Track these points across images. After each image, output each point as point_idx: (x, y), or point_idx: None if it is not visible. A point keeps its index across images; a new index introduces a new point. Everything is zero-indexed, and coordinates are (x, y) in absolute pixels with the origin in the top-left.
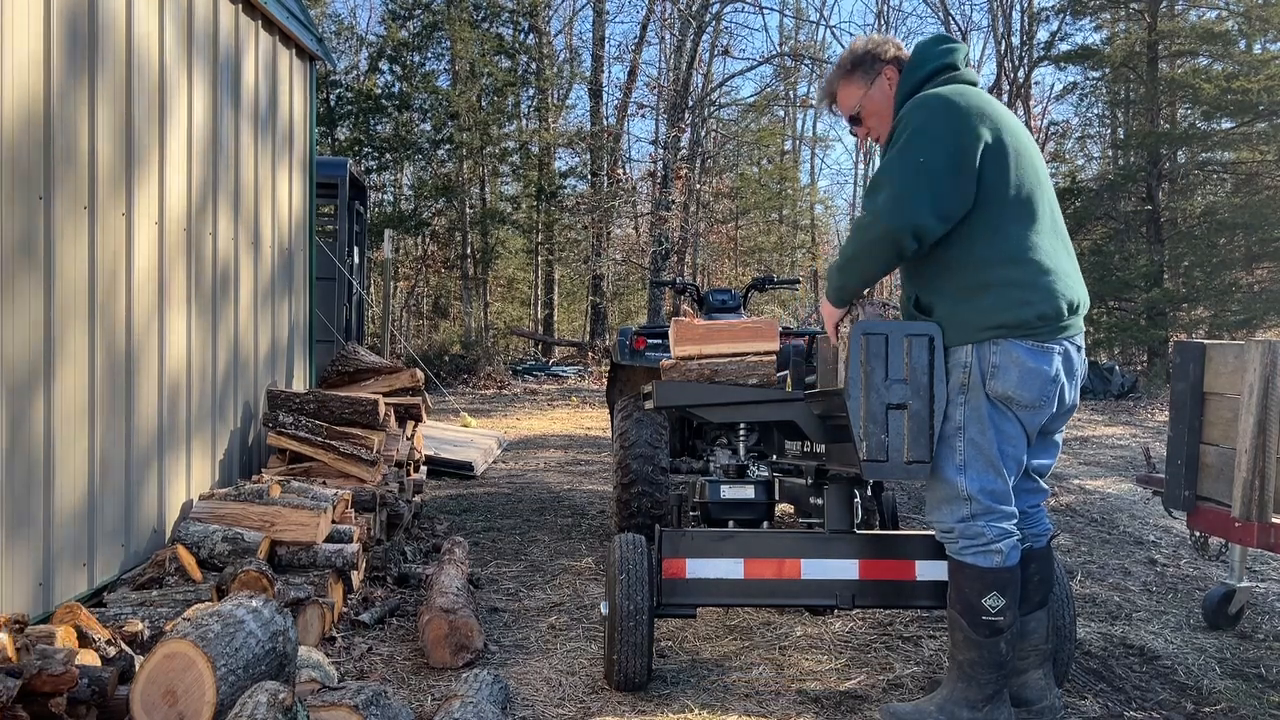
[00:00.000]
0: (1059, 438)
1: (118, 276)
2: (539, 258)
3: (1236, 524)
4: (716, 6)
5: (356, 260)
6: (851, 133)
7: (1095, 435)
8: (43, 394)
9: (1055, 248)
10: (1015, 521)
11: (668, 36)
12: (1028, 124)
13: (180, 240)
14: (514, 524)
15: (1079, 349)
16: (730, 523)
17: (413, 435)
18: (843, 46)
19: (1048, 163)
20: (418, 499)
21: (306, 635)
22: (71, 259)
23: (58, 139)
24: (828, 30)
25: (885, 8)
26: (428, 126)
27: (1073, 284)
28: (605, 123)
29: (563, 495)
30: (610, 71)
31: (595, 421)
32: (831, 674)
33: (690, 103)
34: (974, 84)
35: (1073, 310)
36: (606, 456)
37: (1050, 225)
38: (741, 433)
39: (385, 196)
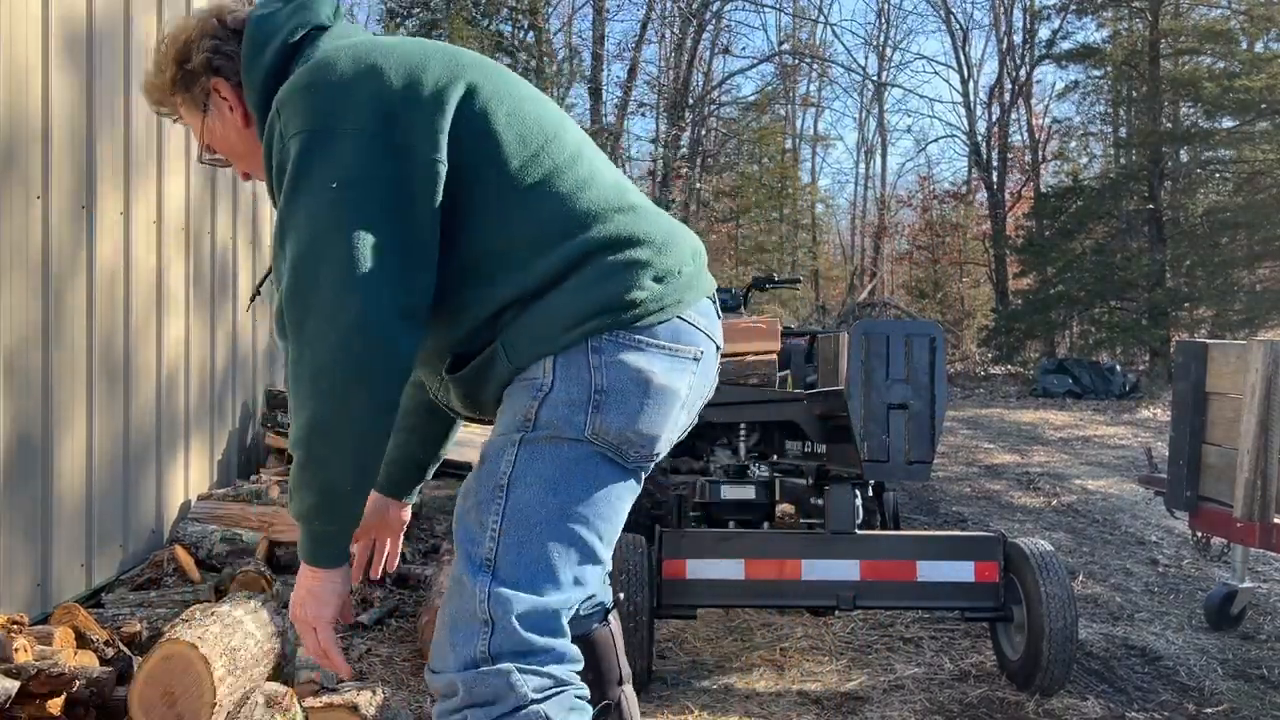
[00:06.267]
0: None
1: (116, 276)
2: None
3: (1238, 524)
4: (716, 4)
5: None
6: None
7: (1097, 435)
8: (40, 394)
9: None
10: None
11: (668, 34)
12: (1029, 122)
13: (179, 239)
14: None
15: None
16: (731, 523)
17: None
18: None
19: (1050, 160)
20: (417, 499)
21: None
22: (70, 259)
23: (55, 138)
24: (828, 28)
25: (885, 6)
26: None
27: None
28: (605, 121)
29: None
30: (610, 70)
31: None
32: (832, 675)
33: (690, 101)
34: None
35: None
36: None
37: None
38: (742, 433)
39: None
